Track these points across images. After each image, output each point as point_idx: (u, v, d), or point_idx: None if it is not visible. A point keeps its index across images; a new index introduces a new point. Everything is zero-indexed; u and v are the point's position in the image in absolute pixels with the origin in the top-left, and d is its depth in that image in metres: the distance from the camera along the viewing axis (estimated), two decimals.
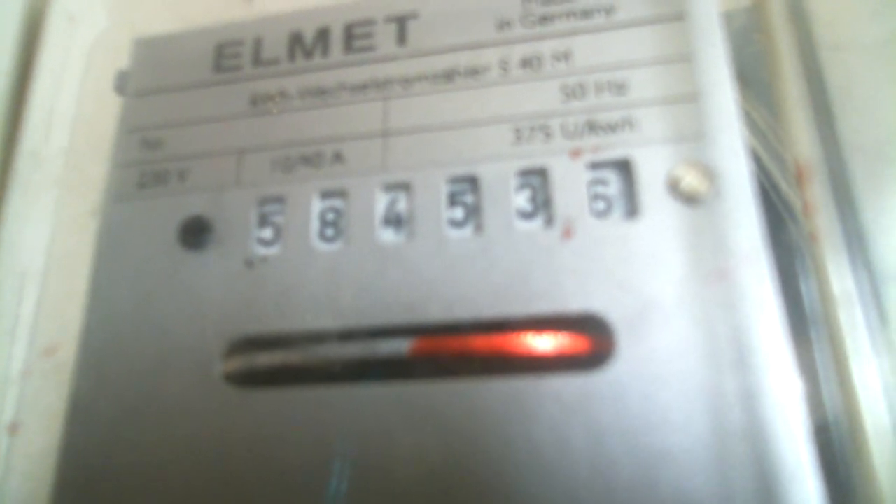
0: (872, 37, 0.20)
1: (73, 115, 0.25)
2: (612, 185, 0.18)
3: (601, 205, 0.18)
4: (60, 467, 0.19)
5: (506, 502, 0.16)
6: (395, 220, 0.19)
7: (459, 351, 0.18)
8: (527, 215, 0.19)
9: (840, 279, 0.18)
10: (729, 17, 0.19)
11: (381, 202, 0.19)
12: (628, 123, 0.18)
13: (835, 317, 0.17)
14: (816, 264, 0.18)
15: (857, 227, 0.18)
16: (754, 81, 0.20)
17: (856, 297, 0.17)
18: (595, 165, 0.18)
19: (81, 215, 0.23)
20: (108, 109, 0.23)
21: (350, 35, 0.21)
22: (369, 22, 0.21)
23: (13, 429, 0.21)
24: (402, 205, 0.19)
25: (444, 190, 0.19)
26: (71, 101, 0.25)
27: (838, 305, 0.17)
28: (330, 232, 0.20)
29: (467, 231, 0.19)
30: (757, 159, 0.19)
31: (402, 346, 0.18)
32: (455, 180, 0.19)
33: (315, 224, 0.20)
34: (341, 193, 0.20)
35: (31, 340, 0.22)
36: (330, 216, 0.20)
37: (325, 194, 0.20)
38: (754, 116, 0.20)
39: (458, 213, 0.19)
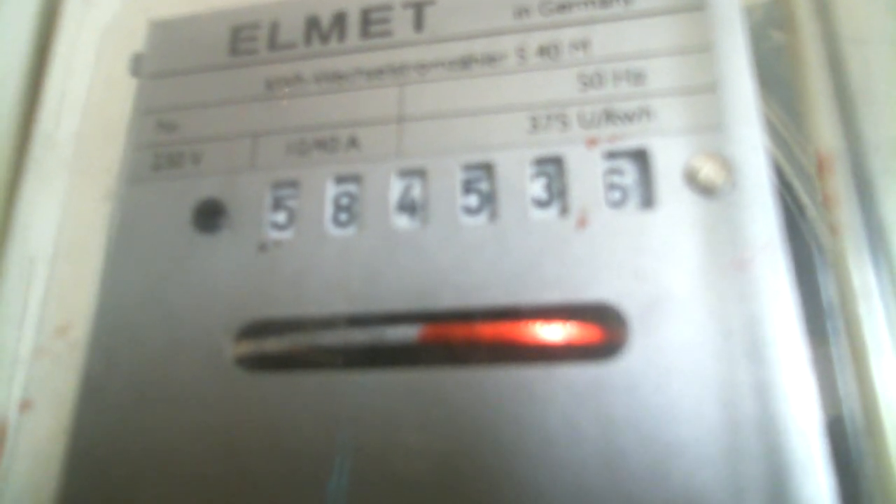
0: (893, 31, 0.19)
1: (85, 98, 0.24)
2: (629, 174, 0.18)
3: (617, 195, 0.18)
4: (71, 449, 0.19)
5: (515, 492, 0.16)
6: (409, 207, 0.19)
7: (470, 338, 0.18)
8: (542, 204, 0.19)
9: (860, 272, 0.17)
10: (747, 12, 0.19)
11: (395, 188, 0.19)
12: (645, 113, 0.18)
13: (854, 310, 0.17)
14: (836, 257, 0.18)
15: (877, 221, 0.18)
16: (770, 78, 0.20)
17: (875, 291, 0.17)
18: (611, 155, 0.18)
19: (92, 199, 0.23)
20: (120, 93, 0.23)
21: (367, 20, 0.21)
22: (386, 7, 0.21)
23: (23, 409, 0.21)
24: (416, 191, 0.19)
25: (458, 177, 0.19)
26: (83, 84, 0.25)
27: (858, 298, 0.17)
28: (344, 217, 0.20)
29: (482, 218, 0.19)
30: (771, 156, 0.19)
31: (411, 333, 0.18)
32: (470, 167, 0.19)
33: (329, 209, 0.19)
34: (356, 178, 0.20)
35: (40, 323, 0.22)
36: (344, 201, 0.20)
37: (340, 179, 0.20)
38: (769, 113, 0.20)
39: (473, 200, 0.19)
